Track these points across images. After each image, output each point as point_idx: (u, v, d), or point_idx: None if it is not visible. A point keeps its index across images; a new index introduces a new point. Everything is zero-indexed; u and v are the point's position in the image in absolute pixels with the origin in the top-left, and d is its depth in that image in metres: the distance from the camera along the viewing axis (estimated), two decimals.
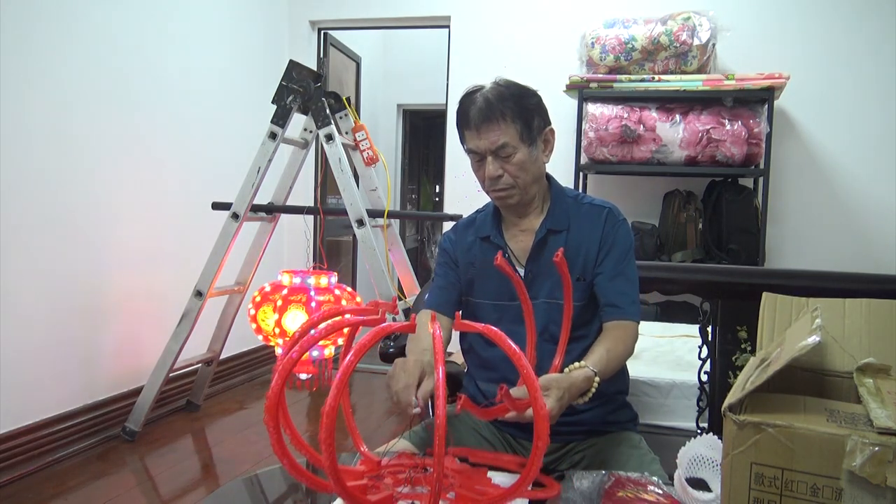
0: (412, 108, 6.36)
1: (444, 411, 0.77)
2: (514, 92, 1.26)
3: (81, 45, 2.60)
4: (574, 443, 1.33)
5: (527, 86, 1.30)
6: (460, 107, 1.29)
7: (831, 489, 0.65)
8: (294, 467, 0.86)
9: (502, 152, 1.25)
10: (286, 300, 2.63)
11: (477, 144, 1.26)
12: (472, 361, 1.42)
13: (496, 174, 1.27)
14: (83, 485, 2.33)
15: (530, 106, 1.27)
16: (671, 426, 1.99)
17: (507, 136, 1.24)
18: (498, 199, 1.32)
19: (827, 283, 1.43)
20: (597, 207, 1.34)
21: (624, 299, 1.28)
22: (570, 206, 1.35)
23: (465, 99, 1.29)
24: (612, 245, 1.31)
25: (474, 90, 1.29)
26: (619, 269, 1.30)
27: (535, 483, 0.96)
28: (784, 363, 0.73)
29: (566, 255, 1.29)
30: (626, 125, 3.14)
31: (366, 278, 4.13)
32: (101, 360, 2.78)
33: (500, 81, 1.29)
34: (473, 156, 1.29)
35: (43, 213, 2.47)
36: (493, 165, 1.26)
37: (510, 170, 1.26)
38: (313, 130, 2.87)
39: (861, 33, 3.36)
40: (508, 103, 1.24)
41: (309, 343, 0.86)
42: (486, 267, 1.34)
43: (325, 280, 2.71)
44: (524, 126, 1.25)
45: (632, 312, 1.28)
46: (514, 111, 1.24)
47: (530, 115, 1.26)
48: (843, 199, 3.44)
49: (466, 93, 1.30)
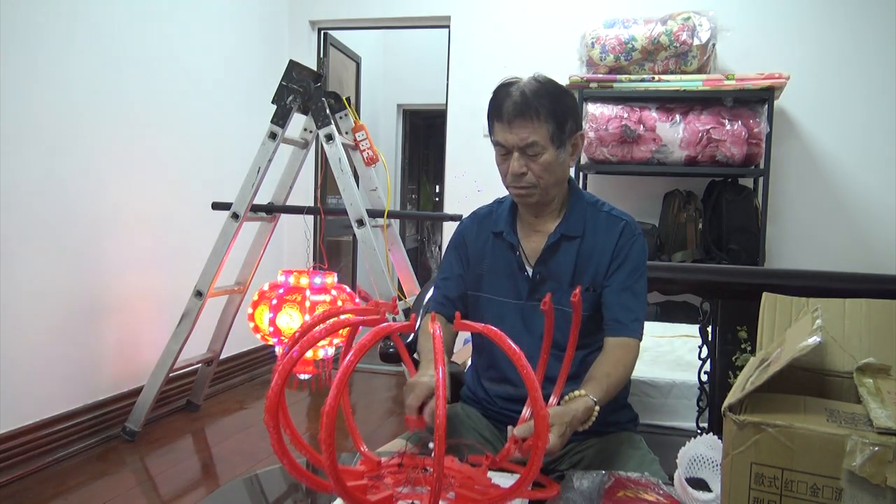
0: (412, 108, 6.36)
1: (444, 411, 0.77)
2: (550, 90, 1.23)
3: (82, 46, 2.60)
4: (574, 443, 1.33)
5: (564, 86, 1.27)
6: (494, 97, 1.26)
7: (831, 489, 0.65)
8: (294, 467, 0.86)
9: (530, 150, 1.23)
10: (281, 299, 2.64)
11: (506, 138, 1.24)
12: (480, 358, 1.42)
13: (520, 171, 1.24)
14: (83, 485, 2.33)
15: (566, 107, 1.25)
16: (671, 426, 1.99)
17: (538, 134, 1.22)
18: (517, 195, 1.30)
19: (827, 283, 1.43)
20: (614, 218, 1.32)
21: (628, 315, 1.27)
22: (588, 212, 1.33)
23: (500, 90, 1.26)
24: (625, 259, 1.29)
25: (511, 82, 1.26)
26: (627, 284, 1.28)
27: (535, 483, 0.96)
28: (784, 363, 0.73)
29: (577, 261, 1.30)
30: (626, 125, 3.14)
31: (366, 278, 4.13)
32: (101, 360, 2.78)
33: (539, 77, 1.26)
34: (500, 149, 1.27)
35: (43, 214, 2.47)
36: (518, 162, 1.24)
37: (535, 169, 1.24)
38: (313, 130, 2.87)
39: (861, 33, 3.36)
40: (544, 101, 1.21)
41: (309, 343, 0.86)
42: (497, 262, 1.35)
43: (318, 280, 2.71)
44: (556, 127, 1.23)
45: (633, 329, 1.26)
46: (548, 110, 1.21)
47: (564, 116, 1.24)
48: (843, 199, 3.44)
49: (503, 84, 1.27)
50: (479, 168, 3.74)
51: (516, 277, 1.33)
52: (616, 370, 1.21)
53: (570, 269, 1.30)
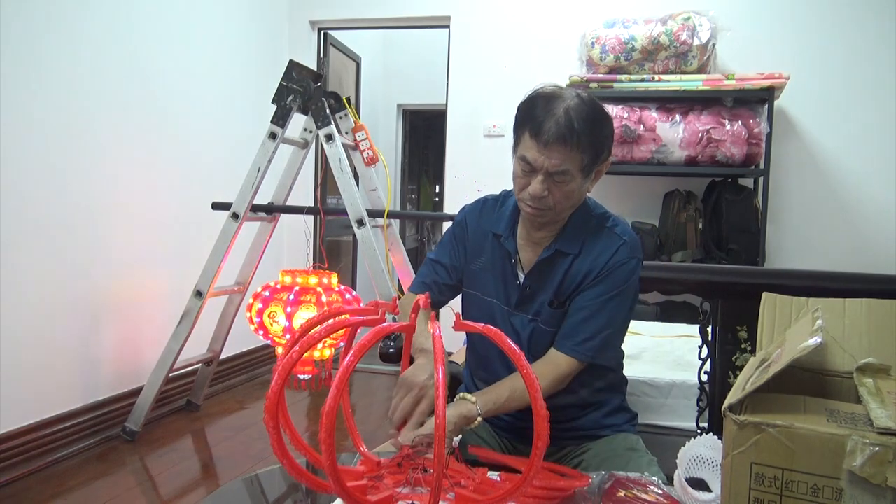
0: (412, 108, 6.36)
1: (445, 411, 0.77)
2: (595, 116, 1.15)
3: (82, 46, 2.60)
4: (570, 448, 1.33)
5: (604, 107, 1.19)
6: (533, 108, 1.16)
7: (831, 489, 0.65)
8: (294, 468, 0.86)
9: (558, 177, 1.15)
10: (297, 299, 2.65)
11: (536, 158, 1.14)
12: (473, 358, 1.41)
13: (542, 195, 1.17)
14: (83, 485, 2.33)
15: (605, 137, 1.18)
16: (671, 426, 1.99)
17: (572, 163, 1.14)
18: (528, 213, 1.23)
19: (827, 283, 1.43)
20: (615, 237, 1.26)
21: (578, 335, 1.21)
22: (591, 229, 1.26)
23: (541, 102, 1.16)
24: (605, 278, 1.23)
25: (553, 94, 1.16)
26: (593, 303, 1.22)
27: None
28: (785, 364, 0.73)
29: (567, 278, 1.25)
30: (626, 125, 3.14)
31: (366, 278, 4.13)
32: (101, 360, 2.78)
33: (584, 97, 1.16)
34: (524, 165, 1.17)
35: (43, 213, 2.47)
36: (541, 185, 1.16)
37: (556, 194, 1.17)
38: (313, 130, 2.87)
39: (861, 33, 3.36)
40: (587, 128, 1.13)
41: (309, 343, 0.86)
42: (493, 263, 1.32)
43: (314, 280, 2.71)
44: (591, 158, 1.16)
45: (576, 351, 1.21)
46: (589, 140, 1.14)
47: (601, 146, 1.17)
48: (843, 199, 3.44)
49: (544, 95, 1.17)
50: (479, 168, 3.74)
51: (509, 283, 1.30)
52: (521, 385, 1.12)
53: (555, 286, 1.25)
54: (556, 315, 1.25)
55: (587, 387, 1.30)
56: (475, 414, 1.10)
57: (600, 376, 1.31)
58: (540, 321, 1.27)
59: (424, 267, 1.42)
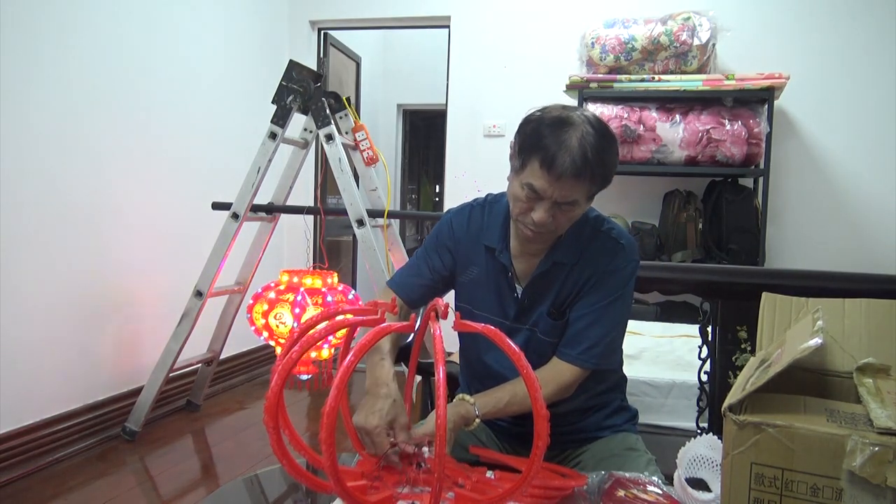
0: (412, 108, 6.37)
1: (445, 411, 0.77)
2: (605, 145, 1.10)
3: (82, 46, 2.60)
4: (570, 449, 1.33)
5: (610, 129, 1.15)
6: (542, 137, 1.09)
7: (831, 489, 0.65)
8: (294, 468, 0.86)
9: (565, 206, 1.12)
10: (273, 300, 2.64)
11: (544, 188, 1.09)
12: (468, 360, 1.40)
13: (546, 222, 1.12)
14: (83, 485, 2.33)
15: (614, 164, 1.15)
16: (671, 426, 2.00)
17: (580, 193, 1.11)
18: (526, 236, 1.18)
19: (827, 283, 1.43)
20: (613, 241, 1.24)
21: (581, 343, 1.20)
22: (587, 236, 1.24)
23: (551, 131, 1.09)
24: (605, 282, 1.21)
25: (565, 121, 1.09)
26: (594, 309, 1.21)
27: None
28: (785, 365, 0.73)
29: (566, 287, 1.23)
30: (626, 125, 3.14)
31: (366, 278, 4.13)
32: (101, 360, 2.78)
33: (593, 121, 1.11)
34: (529, 191, 1.11)
35: (43, 214, 2.46)
36: (546, 213, 1.11)
37: (560, 220, 1.14)
38: (313, 130, 2.87)
39: (860, 33, 3.36)
40: (599, 160, 1.08)
41: (308, 343, 0.86)
42: (486, 277, 1.28)
43: (309, 280, 2.71)
44: (599, 187, 1.14)
45: (580, 360, 1.20)
46: (601, 173, 1.10)
47: (609, 175, 1.14)
48: (842, 199, 3.44)
49: (553, 121, 1.10)
50: (479, 168, 3.74)
51: (505, 297, 1.27)
52: (523, 390, 1.09)
53: (554, 295, 1.24)
54: (556, 326, 1.24)
55: (588, 391, 1.29)
56: (473, 415, 1.10)
57: (602, 379, 1.31)
58: (538, 331, 1.26)
59: (407, 268, 1.36)
